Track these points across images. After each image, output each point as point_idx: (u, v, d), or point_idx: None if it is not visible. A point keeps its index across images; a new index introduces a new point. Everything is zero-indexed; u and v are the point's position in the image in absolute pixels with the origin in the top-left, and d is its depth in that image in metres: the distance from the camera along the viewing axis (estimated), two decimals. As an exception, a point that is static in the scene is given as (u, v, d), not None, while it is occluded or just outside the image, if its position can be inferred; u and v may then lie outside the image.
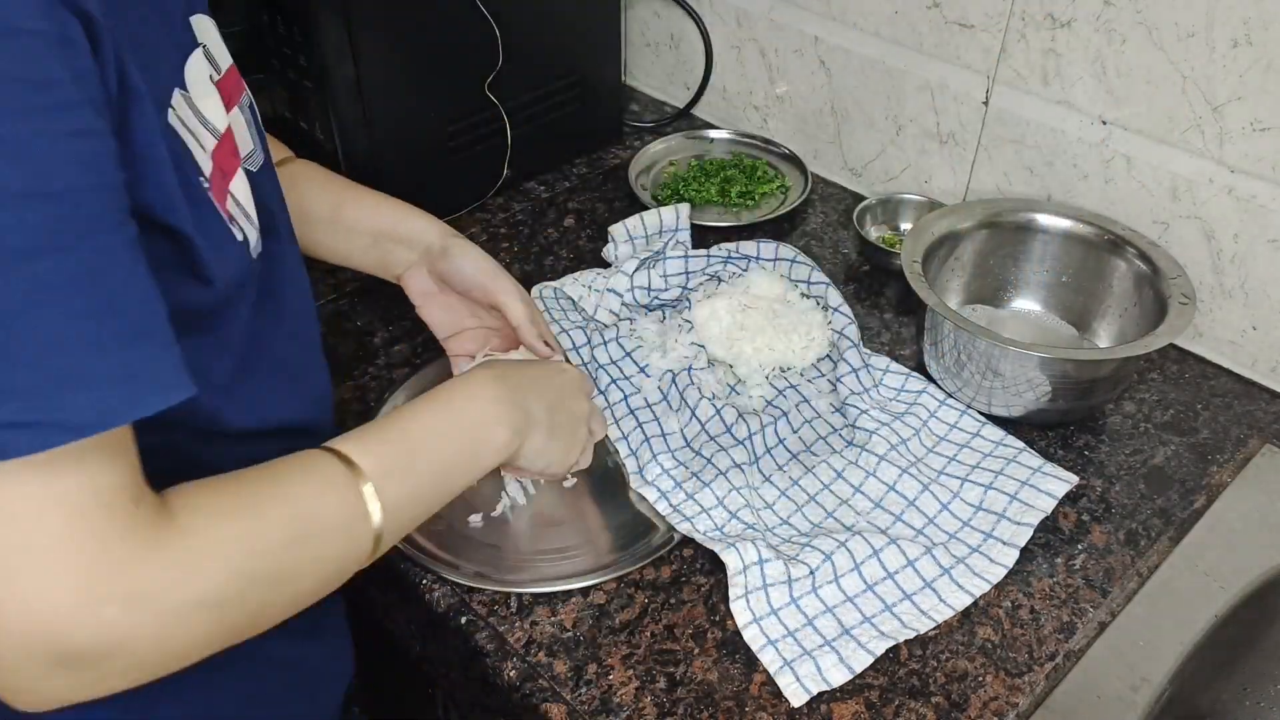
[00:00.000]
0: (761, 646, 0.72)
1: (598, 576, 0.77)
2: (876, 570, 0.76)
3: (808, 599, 0.75)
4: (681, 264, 1.00)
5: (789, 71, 1.22)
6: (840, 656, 0.72)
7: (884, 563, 0.77)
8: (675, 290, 1.00)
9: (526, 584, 0.76)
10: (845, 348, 0.93)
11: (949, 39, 1.05)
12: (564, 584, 0.76)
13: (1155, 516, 0.83)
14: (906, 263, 0.89)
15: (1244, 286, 0.94)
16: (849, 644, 0.72)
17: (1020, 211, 0.98)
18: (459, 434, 0.67)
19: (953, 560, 0.78)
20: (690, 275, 1.01)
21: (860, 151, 1.20)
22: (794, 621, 0.74)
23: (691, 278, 1.01)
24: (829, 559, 0.76)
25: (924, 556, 0.77)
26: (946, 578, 0.77)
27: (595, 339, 0.95)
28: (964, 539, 0.79)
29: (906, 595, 0.76)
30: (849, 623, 0.74)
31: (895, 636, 0.73)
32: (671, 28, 1.33)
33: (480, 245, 0.86)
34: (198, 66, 0.57)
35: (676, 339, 0.93)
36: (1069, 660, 0.74)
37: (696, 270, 1.01)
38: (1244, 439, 0.90)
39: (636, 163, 1.24)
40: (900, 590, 0.76)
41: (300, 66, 1.00)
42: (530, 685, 0.71)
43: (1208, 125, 0.90)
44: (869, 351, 0.94)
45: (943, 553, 0.78)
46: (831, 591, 0.75)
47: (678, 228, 1.07)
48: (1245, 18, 0.85)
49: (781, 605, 0.74)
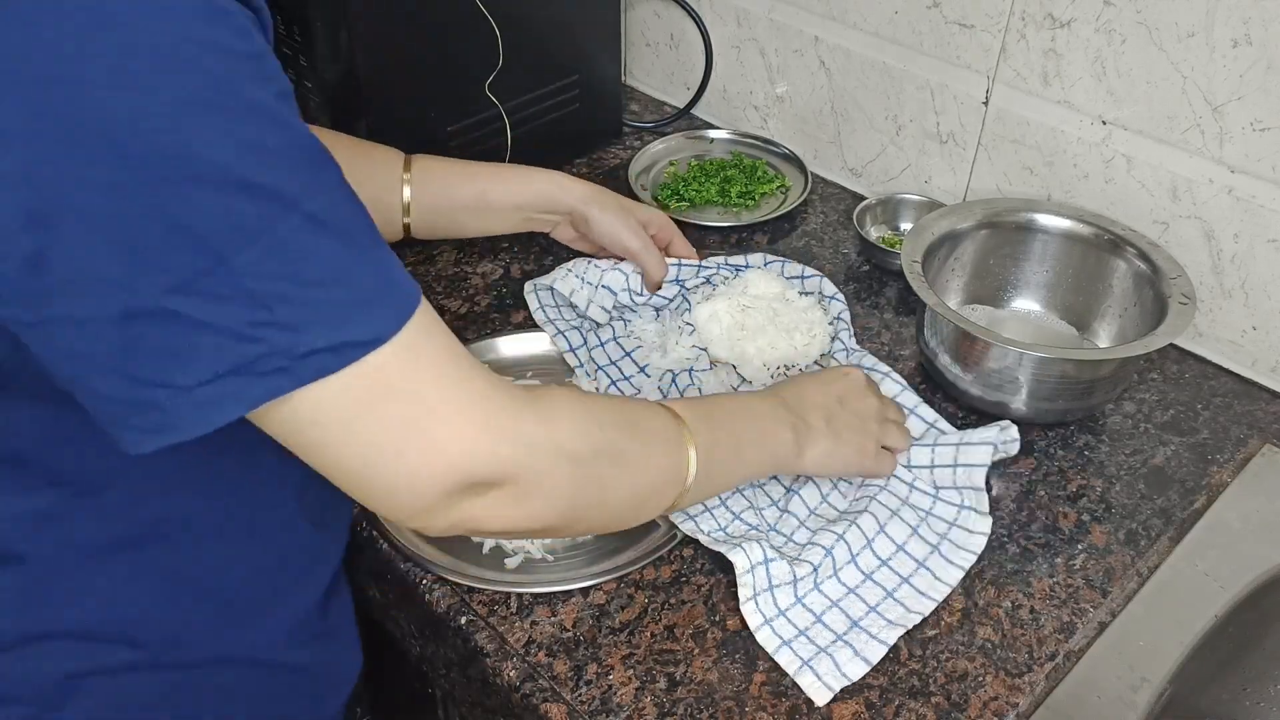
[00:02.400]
0: (777, 648, 0.72)
1: (597, 577, 0.77)
2: (871, 560, 0.77)
3: (813, 596, 0.75)
4: (675, 270, 1.00)
5: (789, 71, 1.22)
6: (855, 650, 0.72)
7: (877, 551, 0.78)
8: (672, 288, 1.00)
9: (527, 585, 0.76)
10: (840, 329, 0.96)
11: (949, 39, 1.05)
12: (564, 584, 0.76)
13: (1155, 516, 0.83)
14: (906, 263, 0.89)
15: (1244, 287, 0.94)
16: (860, 636, 0.73)
17: (1020, 211, 0.98)
18: (754, 418, 0.76)
19: (937, 537, 0.79)
20: (683, 283, 1.01)
21: (860, 151, 1.20)
22: (803, 620, 0.74)
23: (685, 282, 1.01)
24: (829, 553, 0.76)
25: (912, 538, 0.79)
26: (937, 554, 0.78)
27: (592, 339, 0.95)
28: (941, 515, 0.81)
29: (904, 579, 0.77)
30: (856, 614, 0.74)
31: (903, 623, 0.74)
32: (671, 28, 1.33)
33: (480, 244, 0.86)
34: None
35: (677, 340, 0.93)
36: (1069, 660, 0.74)
37: (689, 276, 1.01)
38: (1244, 439, 0.90)
39: (636, 163, 1.24)
40: (898, 575, 0.77)
41: (300, 66, 1.00)
42: (530, 685, 0.71)
43: (1208, 125, 0.90)
44: (856, 346, 0.96)
45: (927, 531, 0.79)
46: (834, 586, 0.76)
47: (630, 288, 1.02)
48: (1245, 18, 0.85)
49: (789, 606, 0.74)
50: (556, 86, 1.19)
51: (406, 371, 0.53)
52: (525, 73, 1.13)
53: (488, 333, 0.99)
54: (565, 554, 0.80)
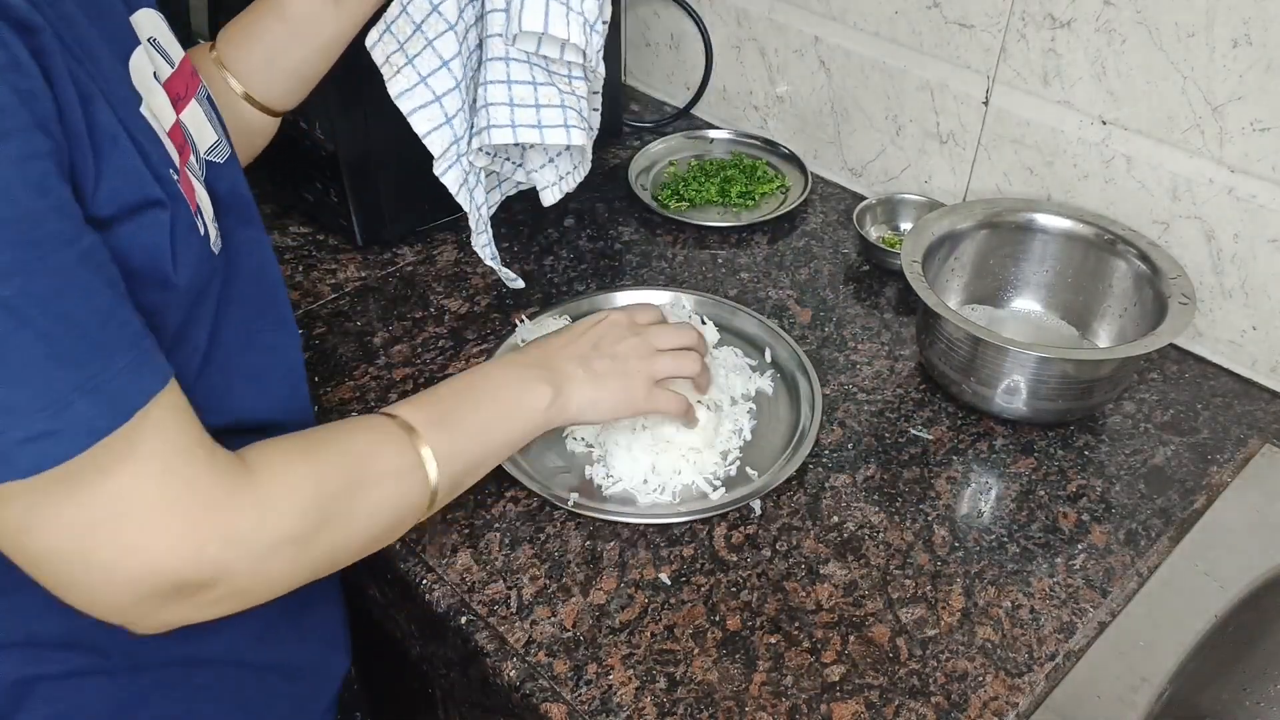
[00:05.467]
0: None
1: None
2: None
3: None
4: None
5: (789, 71, 1.22)
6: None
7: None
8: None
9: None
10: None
11: (949, 39, 1.05)
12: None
13: (1155, 516, 0.83)
14: (906, 263, 0.89)
15: (1244, 286, 0.94)
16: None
17: (1020, 211, 0.99)
18: (498, 392, 0.74)
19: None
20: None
21: (860, 151, 1.20)
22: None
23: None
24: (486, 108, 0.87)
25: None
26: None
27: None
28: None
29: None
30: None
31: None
32: (671, 28, 1.33)
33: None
34: (140, 64, 0.57)
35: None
36: (1069, 660, 0.74)
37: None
38: (1244, 439, 0.90)
39: (636, 163, 1.24)
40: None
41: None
42: (530, 685, 0.71)
43: (1208, 125, 0.90)
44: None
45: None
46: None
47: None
48: (1245, 18, 0.85)
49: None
50: (556, 86, 1.18)
51: (104, 468, 0.49)
52: (525, 73, 1.13)
53: (507, 329, 0.99)
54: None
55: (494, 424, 0.72)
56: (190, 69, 0.64)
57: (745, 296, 1.05)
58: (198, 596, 0.54)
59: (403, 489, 0.65)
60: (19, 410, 0.46)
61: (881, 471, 0.87)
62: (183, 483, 0.52)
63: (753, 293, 1.06)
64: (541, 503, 0.83)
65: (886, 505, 0.84)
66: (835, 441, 0.89)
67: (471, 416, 0.71)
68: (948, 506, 0.84)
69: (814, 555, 0.80)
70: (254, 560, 0.55)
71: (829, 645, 0.73)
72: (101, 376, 0.48)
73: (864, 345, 0.99)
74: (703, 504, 0.83)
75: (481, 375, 0.75)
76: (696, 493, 0.84)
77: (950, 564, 0.79)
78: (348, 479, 0.62)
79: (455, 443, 0.69)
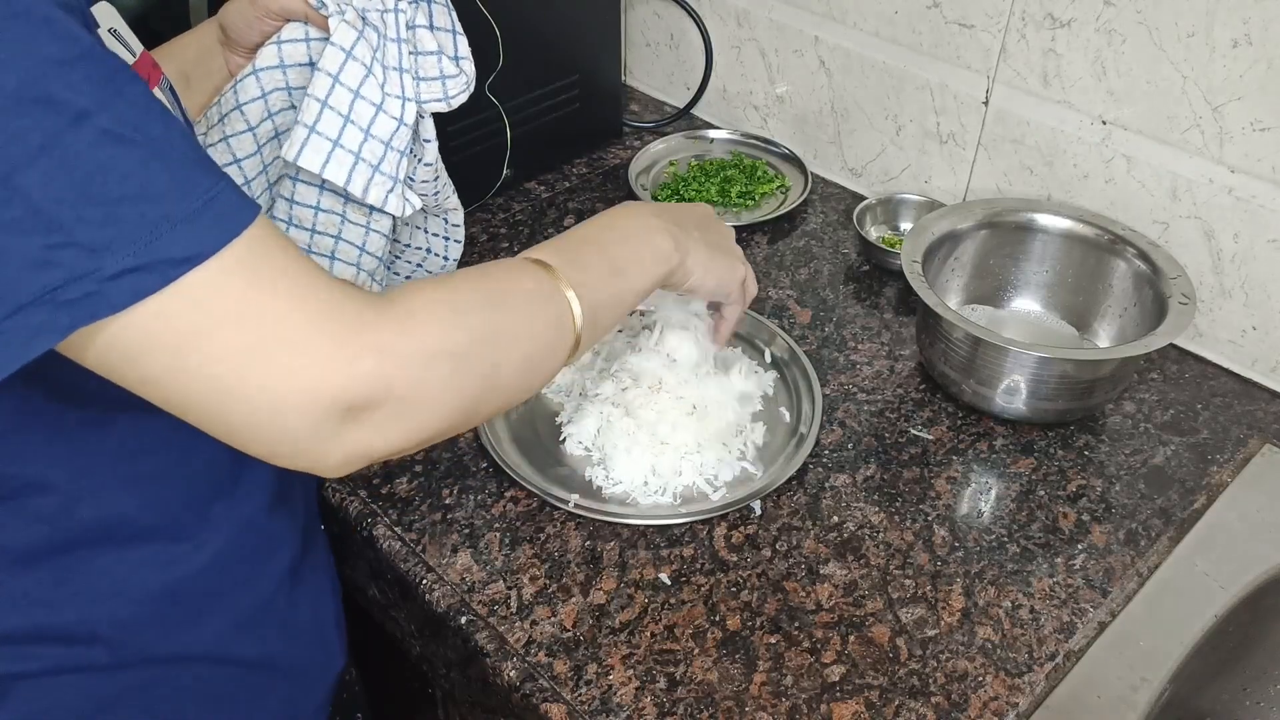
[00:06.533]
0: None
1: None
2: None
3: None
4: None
5: (789, 71, 1.22)
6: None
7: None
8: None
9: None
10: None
11: (949, 39, 1.05)
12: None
13: (1155, 516, 0.83)
14: (906, 263, 0.89)
15: (1244, 286, 0.94)
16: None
17: (1020, 211, 0.99)
18: (626, 237, 0.73)
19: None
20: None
21: (860, 151, 1.20)
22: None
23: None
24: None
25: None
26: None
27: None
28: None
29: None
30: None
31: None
32: (671, 28, 1.33)
33: (481, 245, 0.85)
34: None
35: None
36: (1069, 660, 0.74)
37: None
38: (1244, 439, 0.90)
39: (636, 163, 1.24)
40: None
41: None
42: (530, 685, 0.71)
43: (1208, 125, 0.90)
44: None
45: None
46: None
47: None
48: (1245, 18, 0.85)
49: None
50: (556, 86, 1.19)
51: (239, 292, 0.49)
52: (525, 72, 1.13)
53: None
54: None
55: (626, 264, 0.72)
56: (150, 61, 0.64)
57: (745, 296, 1.05)
58: (367, 416, 0.53)
59: (546, 314, 0.65)
60: (155, 219, 0.46)
61: (881, 471, 0.87)
62: (319, 303, 0.51)
63: (753, 293, 1.06)
64: (541, 503, 0.83)
65: (886, 505, 0.84)
66: (835, 441, 0.89)
67: (603, 255, 0.71)
68: (948, 506, 0.84)
69: (814, 555, 0.80)
70: (411, 370, 0.54)
71: (829, 645, 0.73)
72: (212, 191, 0.48)
73: (864, 345, 0.99)
74: (703, 504, 0.83)
75: (607, 221, 0.75)
76: (697, 493, 0.84)
77: (950, 564, 0.79)
78: (489, 296, 0.62)
79: (588, 277, 0.68)
